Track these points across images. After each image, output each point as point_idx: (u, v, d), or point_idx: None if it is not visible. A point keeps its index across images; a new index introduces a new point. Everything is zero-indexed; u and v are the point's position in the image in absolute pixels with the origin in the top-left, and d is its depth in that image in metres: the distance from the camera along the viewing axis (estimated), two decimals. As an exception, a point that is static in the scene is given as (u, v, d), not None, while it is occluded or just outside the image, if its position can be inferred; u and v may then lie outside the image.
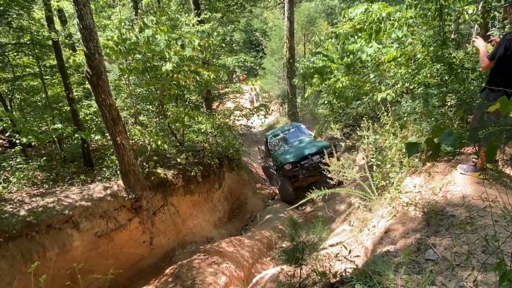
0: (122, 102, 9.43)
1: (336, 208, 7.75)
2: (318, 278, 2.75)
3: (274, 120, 20.09)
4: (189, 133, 10.42)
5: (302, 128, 11.75)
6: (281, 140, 11.46)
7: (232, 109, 12.25)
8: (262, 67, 24.26)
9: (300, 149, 10.05)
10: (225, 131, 10.86)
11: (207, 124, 9.84)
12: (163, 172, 7.95)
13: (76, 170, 7.52)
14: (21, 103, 9.05)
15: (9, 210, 5.48)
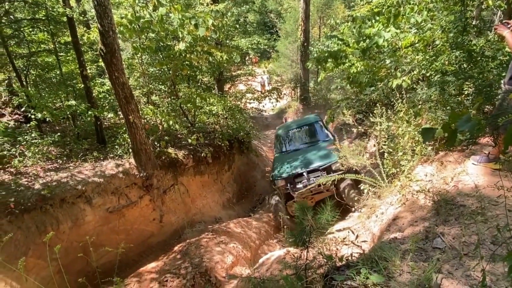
0: (135, 81, 9.46)
1: (344, 194, 7.74)
2: (324, 261, 2.78)
3: (286, 104, 19.94)
4: (200, 114, 10.43)
5: (319, 125, 8.80)
6: (292, 140, 8.93)
7: (243, 92, 12.19)
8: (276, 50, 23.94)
9: (304, 160, 7.53)
10: (236, 113, 10.84)
11: (218, 106, 9.83)
12: (174, 152, 8.03)
13: (89, 147, 7.65)
14: (36, 79, 9.15)
15: (24, 183, 5.64)
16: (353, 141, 8.95)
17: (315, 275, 2.64)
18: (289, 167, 7.41)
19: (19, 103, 8.47)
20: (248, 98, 11.82)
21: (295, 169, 7.20)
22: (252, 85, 14.34)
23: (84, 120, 8.94)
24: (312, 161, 7.25)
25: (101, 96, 9.23)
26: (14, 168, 5.99)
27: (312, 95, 17.93)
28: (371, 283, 2.31)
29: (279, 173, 7.39)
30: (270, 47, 25.92)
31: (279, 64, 21.45)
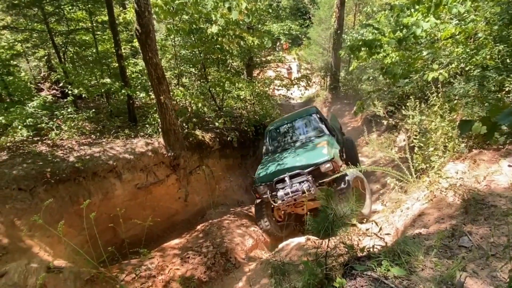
0: (167, 62, 9.61)
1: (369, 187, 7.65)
2: (345, 250, 2.79)
3: (314, 93, 19.66)
4: (228, 98, 10.51)
5: (314, 119, 7.24)
6: (282, 137, 7.52)
7: (272, 78, 12.13)
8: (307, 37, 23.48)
9: (290, 161, 6.28)
10: (263, 99, 10.85)
11: (246, 91, 9.85)
12: (201, 134, 8.18)
13: (121, 125, 7.91)
14: (73, 56, 9.49)
15: (60, 155, 5.94)
16: (382, 134, 8.75)
17: (335, 263, 2.66)
18: (272, 170, 6.27)
19: (57, 79, 8.87)
20: (276, 84, 11.77)
21: (277, 173, 6.04)
22: (282, 72, 14.21)
23: (117, 98, 9.24)
24: (297, 162, 6.04)
25: (134, 76, 9.47)
26: (51, 140, 6.31)
27: (342, 84, 17.56)
28: (392, 275, 2.31)
29: (259, 178, 6.32)
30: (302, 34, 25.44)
31: (310, 51, 21.06)
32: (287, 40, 24.23)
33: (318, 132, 6.92)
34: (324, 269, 2.48)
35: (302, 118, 7.49)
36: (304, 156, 6.13)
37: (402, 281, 2.26)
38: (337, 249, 2.80)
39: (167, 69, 9.38)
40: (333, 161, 5.63)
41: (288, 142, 7.24)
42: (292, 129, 7.45)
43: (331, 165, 5.58)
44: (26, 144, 6.06)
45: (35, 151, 5.83)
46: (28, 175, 5.25)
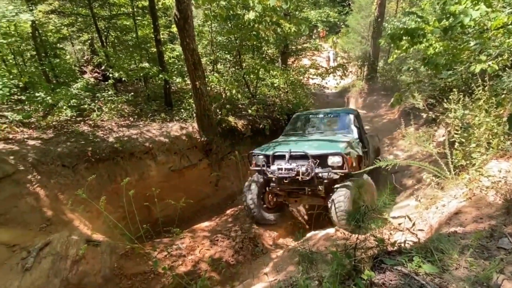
0: (203, 48, 9.73)
1: (403, 182, 7.42)
2: (375, 244, 2.75)
3: (350, 83, 19.14)
4: (262, 86, 10.50)
5: (348, 119, 6.57)
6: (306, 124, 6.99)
7: (307, 67, 11.93)
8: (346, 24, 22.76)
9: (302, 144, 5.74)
10: (297, 88, 10.72)
11: (280, 79, 9.78)
12: (233, 120, 8.26)
13: (157, 108, 8.16)
14: (114, 40, 9.84)
15: (100, 135, 6.25)
16: (420, 128, 8.41)
17: (364, 255, 2.63)
18: (277, 146, 5.84)
19: (99, 62, 9.25)
20: (311, 73, 11.57)
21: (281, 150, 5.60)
22: (317, 60, 13.93)
23: (154, 83, 9.51)
24: (306, 147, 5.49)
25: (171, 62, 9.68)
26: (93, 121, 6.64)
27: (380, 75, 16.95)
28: (423, 272, 2.26)
29: (261, 148, 5.96)
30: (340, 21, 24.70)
31: (348, 39, 20.44)
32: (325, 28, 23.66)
33: (346, 132, 6.25)
34: (352, 261, 2.47)
35: (336, 114, 6.90)
36: (316, 144, 5.62)
37: (433, 279, 2.20)
38: (367, 241, 2.77)
39: (203, 55, 9.49)
40: (344, 156, 4.99)
41: (309, 131, 6.66)
42: (320, 121, 6.86)
43: (341, 160, 5.00)
44: (70, 124, 6.42)
45: (78, 131, 6.17)
46: (71, 153, 5.58)
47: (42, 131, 5.95)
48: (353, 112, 6.79)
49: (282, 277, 3.84)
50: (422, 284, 2.18)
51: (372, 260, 2.53)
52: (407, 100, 8.33)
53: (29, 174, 5.11)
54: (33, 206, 4.97)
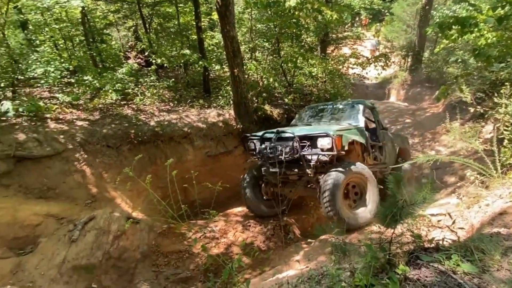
0: (242, 36, 9.76)
1: (444, 179, 7.12)
2: (412, 239, 2.70)
3: (392, 73, 18.40)
4: (299, 75, 10.37)
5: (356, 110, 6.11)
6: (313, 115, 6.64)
7: (347, 56, 11.61)
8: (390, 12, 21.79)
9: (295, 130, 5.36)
10: (335, 78, 10.48)
11: (318, 68, 9.62)
12: (269, 109, 8.27)
13: (196, 95, 8.35)
14: (157, 27, 10.11)
15: (142, 119, 6.53)
16: (466, 123, 7.98)
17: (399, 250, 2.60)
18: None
19: (142, 48, 9.56)
20: (351, 63, 11.25)
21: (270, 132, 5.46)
22: (358, 49, 13.49)
23: (193, 69, 9.70)
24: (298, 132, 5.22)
25: (210, 49, 9.81)
26: (135, 105, 6.94)
27: (425, 66, 16.14)
28: (462, 271, 2.19)
29: (253, 134, 5.89)
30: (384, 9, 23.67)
31: (392, 28, 19.58)
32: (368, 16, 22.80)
33: (351, 121, 5.81)
34: (387, 255, 2.44)
35: (345, 105, 6.49)
36: (311, 128, 5.45)
37: (472, 278, 2.14)
38: (403, 236, 2.72)
39: (241, 43, 9.53)
40: (335, 138, 4.67)
41: (315, 120, 6.37)
42: (328, 111, 6.49)
43: (330, 142, 4.68)
44: (115, 107, 6.75)
45: (122, 114, 6.48)
46: (115, 135, 5.89)
47: (89, 113, 6.31)
48: (363, 103, 6.35)
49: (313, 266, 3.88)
50: (460, 283, 2.13)
51: (407, 255, 2.49)
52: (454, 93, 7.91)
53: (77, 153, 5.47)
54: (79, 182, 5.34)
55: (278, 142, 5.16)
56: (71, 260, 4.15)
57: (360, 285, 2.23)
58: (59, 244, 4.31)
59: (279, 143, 5.12)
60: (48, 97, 6.70)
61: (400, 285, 2.24)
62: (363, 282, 2.21)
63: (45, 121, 5.69)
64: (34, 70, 6.44)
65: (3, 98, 6.04)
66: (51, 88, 7.06)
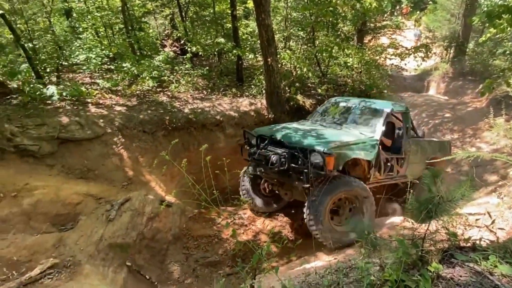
0: (276, 25, 9.66)
1: (484, 177, 6.76)
2: (447, 238, 2.61)
3: (432, 65, 17.53)
4: (333, 65, 10.15)
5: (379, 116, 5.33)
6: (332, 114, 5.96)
7: (385, 46, 11.19)
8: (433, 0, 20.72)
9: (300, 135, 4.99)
10: (372, 68, 10.16)
11: (354, 58, 9.36)
12: (302, 99, 8.19)
13: (229, 84, 8.41)
14: (193, 16, 10.22)
15: (177, 106, 6.69)
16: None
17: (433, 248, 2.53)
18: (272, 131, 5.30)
19: (178, 37, 9.73)
20: (389, 53, 10.84)
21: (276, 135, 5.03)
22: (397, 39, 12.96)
23: (227, 58, 9.76)
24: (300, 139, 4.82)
25: (244, 38, 9.80)
26: (171, 92, 7.12)
27: (469, 58, 15.24)
28: (499, 272, 2.10)
29: (258, 130, 5.54)
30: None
31: (434, 17, 18.59)
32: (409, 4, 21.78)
33: (367, 130, 5.20)
34: (419, 251, 2.39)
35: (367, 107, 5.67)
36: (311, 138, 4.83)
37: (511, 281, 2.05)
38: (437, 234, 2.64)
39: (275, 32, 9.44)
40: (328, 156, 4.24)
41: (329, 121, 5.74)
42: (347, 111, 5.81)
43: (321, 161, 4.27)
44: (151, 93, 6.95)
45: (157, 100, 6.67)
46: (151, 120, 6.09)
47: (127, 99, 6.55)
48: (391, 106, 5.49)
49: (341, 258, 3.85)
50: (497, 285, 2.05)
51: (441, 253, 2.42)
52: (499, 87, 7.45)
53: (115, 137, 5.72)
54: (117, 165, 5.59)
55: (272, 146, 4.91)
56: (107, 238, 4.37)
57: (390, 280, 2.20)
58: (97, 223, 4.55)
59: (272, 148, 4.85)
60: (89, 82, 7.02)
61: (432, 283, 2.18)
62: (393, 277, 2.18)
63: (87, 106, 5.97)
64: (77, 56, 6.76)
65: (49, 83, 6.40)
66: (92, 74, 7.39)
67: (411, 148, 5.59)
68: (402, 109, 5.58)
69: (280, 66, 8.03)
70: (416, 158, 5.73)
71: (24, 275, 3.68)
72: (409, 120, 5.64)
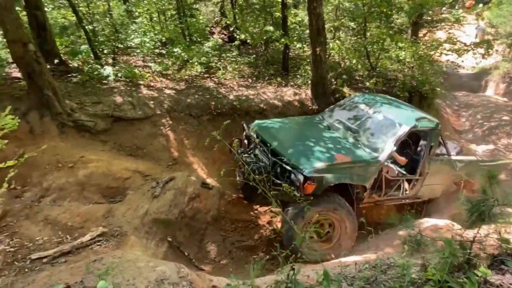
0: (326, 14, 9.43)
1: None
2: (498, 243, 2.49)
3: (492, 64, 16.28)
4: (384, 58, 9.76)
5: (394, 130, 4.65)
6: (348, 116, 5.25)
7: (442, 41, 10.54)
8: (501, -7, 19.12)
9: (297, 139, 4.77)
10: (425, 64, 9.64)
11: (407, 52, 8.92)
12: (348, 92, 8.00)
13: (274, 73, 8.42)
14: (242, 3, 10.26)
15: (222, 92, 6.83)
16: None
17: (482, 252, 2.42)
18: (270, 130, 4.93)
19: (226, 24, 9.84)
20: (445, 48, 10.21)
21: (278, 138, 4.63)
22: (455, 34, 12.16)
23: (274, 47, 9.73)
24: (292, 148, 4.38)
25: (292, 27, 9.69)
26: (217, 78, 7.27)
27: (536, 57, 14.02)
28: (556, 285, 1.97)
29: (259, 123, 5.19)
30: (493, -11, 20.80)
31: (499, 12, 17.15)
32: (474, -4, 20.28)
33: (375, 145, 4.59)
34: (467, 254, 2.29)
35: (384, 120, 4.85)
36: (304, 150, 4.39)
37: None
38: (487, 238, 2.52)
39: (326, 22, 9.23)
40: (309, 179, 3.90)
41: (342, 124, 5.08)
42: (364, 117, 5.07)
43: (300, 183, 3.92)
44: (198, 79, 7.16)
45: (204, 86, 6.86)
46: (197, 105, 6.29)
47: (176, 83, 6.80)
48: (411, 123, 4.63)
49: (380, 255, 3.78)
50: (552, 298, 1.93)
51: (490, 258, 2.32)
52: None
53: (163, 118, 5.98)
54: (164, 145, 5.85)
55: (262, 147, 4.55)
56: (152, 213, 4.61)
57: (433, 280, 2.15)
58: (143, 198, 4.81)
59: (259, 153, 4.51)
60: (142, 65, 7.35)
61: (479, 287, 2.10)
62: (437, 277, 2.12)
63: (139, 87, 6.28)
64: (133, 40, 7.08)
65: (105, 64, 6.79)
66: (144, 58, 7.71)
67: (431, 169, 4.93)
68: (431, 126, 4.79)
69: (328, 57, 7.88)
70: (436, 179, 5.12)
71: (77, 240, 4.00)
72: (437, 138, 4.89)
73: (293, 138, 4.73)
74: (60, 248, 3.87)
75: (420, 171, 4.84)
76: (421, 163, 4.81)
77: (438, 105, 11.50)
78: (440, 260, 2.26)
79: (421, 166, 4.82)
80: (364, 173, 4.34)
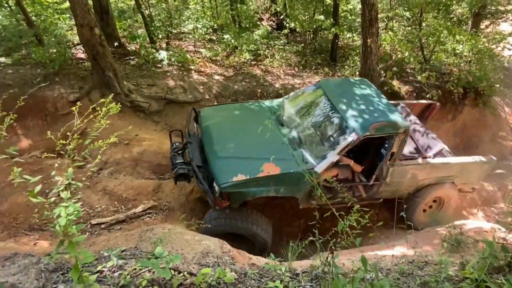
0: (380, 3, 9.11)
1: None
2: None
3: None
4: (439, 51, 9.26)
5: (341, 139, 4.07)
6: (308, 103, 4.74)
7: (506, 34, 9.76)
8: None
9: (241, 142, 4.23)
10: (485, 58, 9.02)
11: (465, 46, 8.41)
12: (398, 85, 7.76)
13: (321, 62, 8.35)
14: (293, -10, 10.19)
15: (269, 80, 6.94)
16: None
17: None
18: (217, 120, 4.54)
19: (276, 11, 9.85)
20: (508, 42, 9.46)
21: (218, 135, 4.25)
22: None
23: (322, 36, 9.60)
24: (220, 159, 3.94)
25: (342, 16, 9.47)
26: (264, 66, 7.37)
27: None
28: None
29: (206, 110, 4.82)
30: None
31: None
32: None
33: (316, 152, 4.11)
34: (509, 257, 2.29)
35: (338, 118, 4.28)
36: (241, 157, 3.97)
37: None
38: (533, 243, 2.47)
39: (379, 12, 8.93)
40: (222, 194, 3.66)
41: (292, 118, 4.61)
42: (323, 110, 4.49)
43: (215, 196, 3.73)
44: (246, 66, 7.31)
45: (252, 73, 7.00)
46: (244, 91, 6.46)
47: (225, 69, 7.01)
48: (363, 131, 4.01)
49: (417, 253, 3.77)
50: None
51: (534, 263, 2.29)
52: None
53: (211, 103, 6.22)
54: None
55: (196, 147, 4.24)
56: (196, 193, 4.92)
57: (470, 278, 2.17)
58: (190, 178, 5.13)
59: (190, 152, 4.12)
60: (193, 51, 7.63)
61: (518, 290, 2.11)
62: (474, 276, 2.15)
63: (190, 72, 6.58)
64: (186, 25, 7.37)
65: (159, 48, 7.15)
66: (195, 43, 8.00)
67: (394, 173, 4.51)
68: (392, 132, 4.16)
69: (379, 48, 7.66)
70: (401, 184, 4.75)
71: (130, 210, 4.41)
72: (401, 143, 4.30)
73: (231, 135, 4.33)
74: (116, 216, 4.29)
75: (377, 176, 4.46)
76: (378, 169, 4.42)
77: (496, 103, 10.76)
78: (480, 260, 2.28)
79: (378, 171, 4.43)
80: (295, 185, 3.97)
